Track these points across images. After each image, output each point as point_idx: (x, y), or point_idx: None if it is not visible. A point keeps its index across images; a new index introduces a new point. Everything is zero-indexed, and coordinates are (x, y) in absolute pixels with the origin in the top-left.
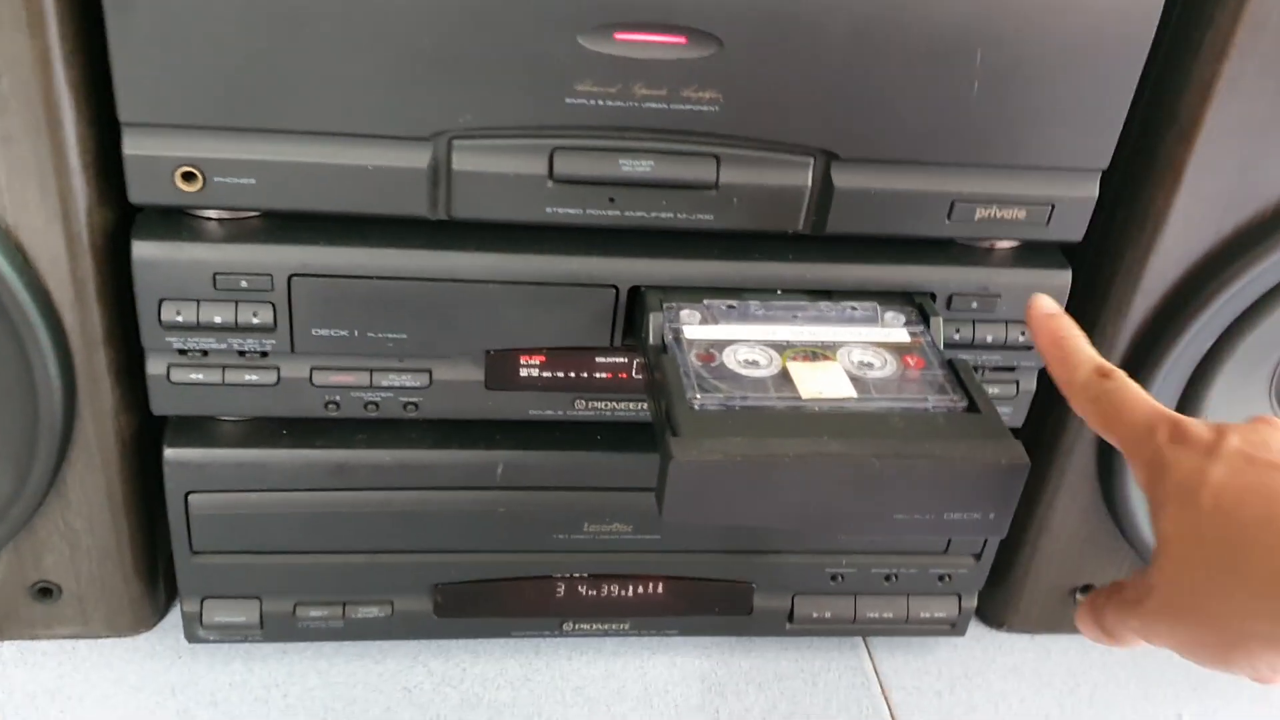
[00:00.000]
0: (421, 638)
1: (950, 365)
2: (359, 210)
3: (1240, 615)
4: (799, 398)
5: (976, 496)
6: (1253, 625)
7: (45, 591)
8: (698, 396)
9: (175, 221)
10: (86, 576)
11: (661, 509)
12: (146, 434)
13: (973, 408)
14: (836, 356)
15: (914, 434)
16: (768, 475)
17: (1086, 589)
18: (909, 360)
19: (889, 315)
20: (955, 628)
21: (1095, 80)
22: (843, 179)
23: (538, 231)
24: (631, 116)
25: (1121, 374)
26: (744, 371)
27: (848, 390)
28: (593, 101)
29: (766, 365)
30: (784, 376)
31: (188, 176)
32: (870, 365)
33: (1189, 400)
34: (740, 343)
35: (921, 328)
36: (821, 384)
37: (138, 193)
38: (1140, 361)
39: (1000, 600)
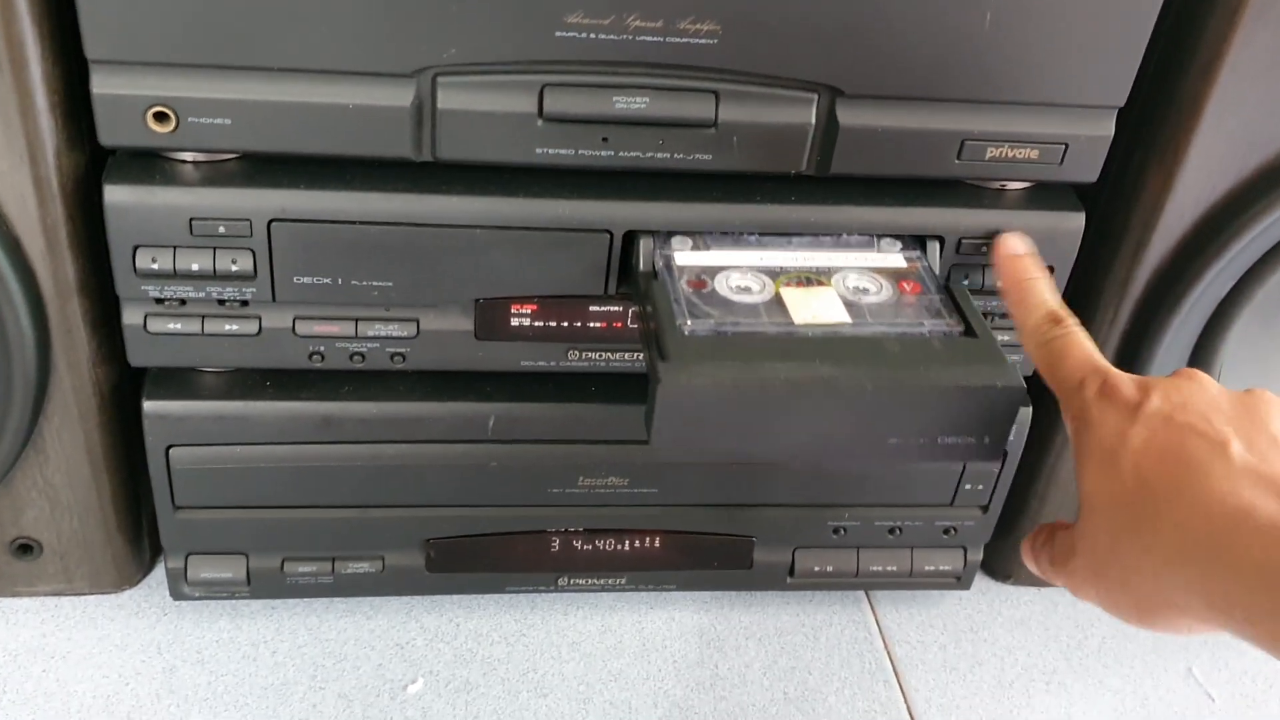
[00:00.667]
0: (413, 593)
1: (947, 290)
2: (340, 152)
3: (1153, 583)
4: (792, 323)
5: (971, 420)
6: (1165, 593)
7: (25, 548)
8: (688, 322)
9: (149, 165)
10: (68, 533)
11: (650, 435)
12: (126, 386)
13: (969, 332)
14: (831, 282)
15: (908, 358)
16: (758, 400)
17: None
18: (905, 285)
19: (885, 241)
20: (961, 581)
21: (1114, 11)
22: (848, 116)
23: (528, 174)
24: (625, 50)
25: (1073, 322)
26: (736, 298)
27: (842, 315)
28: (584, 34)
29: (759, 291)
30: (777, 302)
31: (160, 117)
32: (866, 291)
33: (1205, 346)
34: (733, 269)
35: (918, 253)
36: (815, 309)
37: (108, 134)
38: (1156, 306)
39: (1007, 553)
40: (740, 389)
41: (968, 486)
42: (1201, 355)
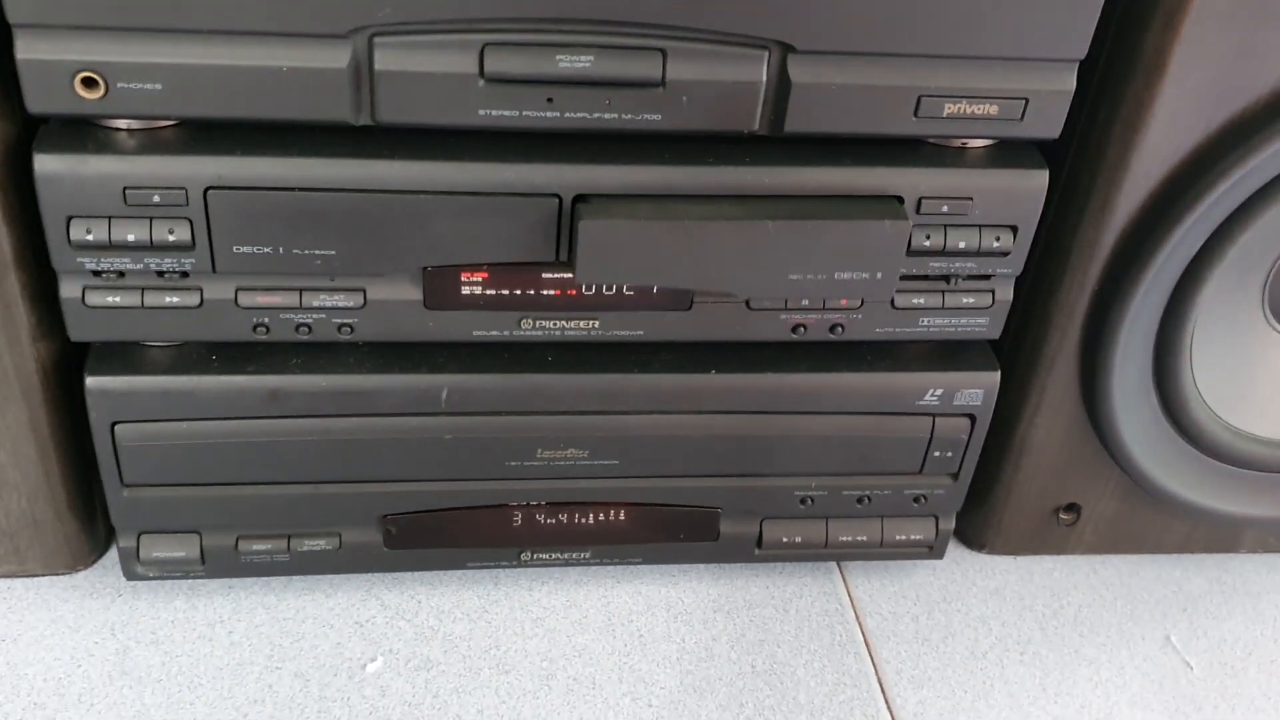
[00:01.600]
0: (372, 571)
1: None
2: (277, 116)
3: None
4: None
5: (863, 256)
6: None
7: None
8: None
9: (81, 133)
10: (16, 513)
11: (575, 272)
12: (70, 361)
13: None
14: None
15: (809, 201)
16: (669, 236)
17: (1070, 508)
18: None
19: None
20: (933, 550)
21: None
22: (800, 73)
23: (472, 136)
24: (569, 6)
25: None
26: None
27: None
28: None
29: None
30: None
31: (88, 83)
32: None
33: (1175, 309)
34: None
35: None
36: None
37: (35, 102)
38: (1124, 267)
39: (980, 521)
40: (653, 228)
41: (936, 454)
42: (1173, 317)
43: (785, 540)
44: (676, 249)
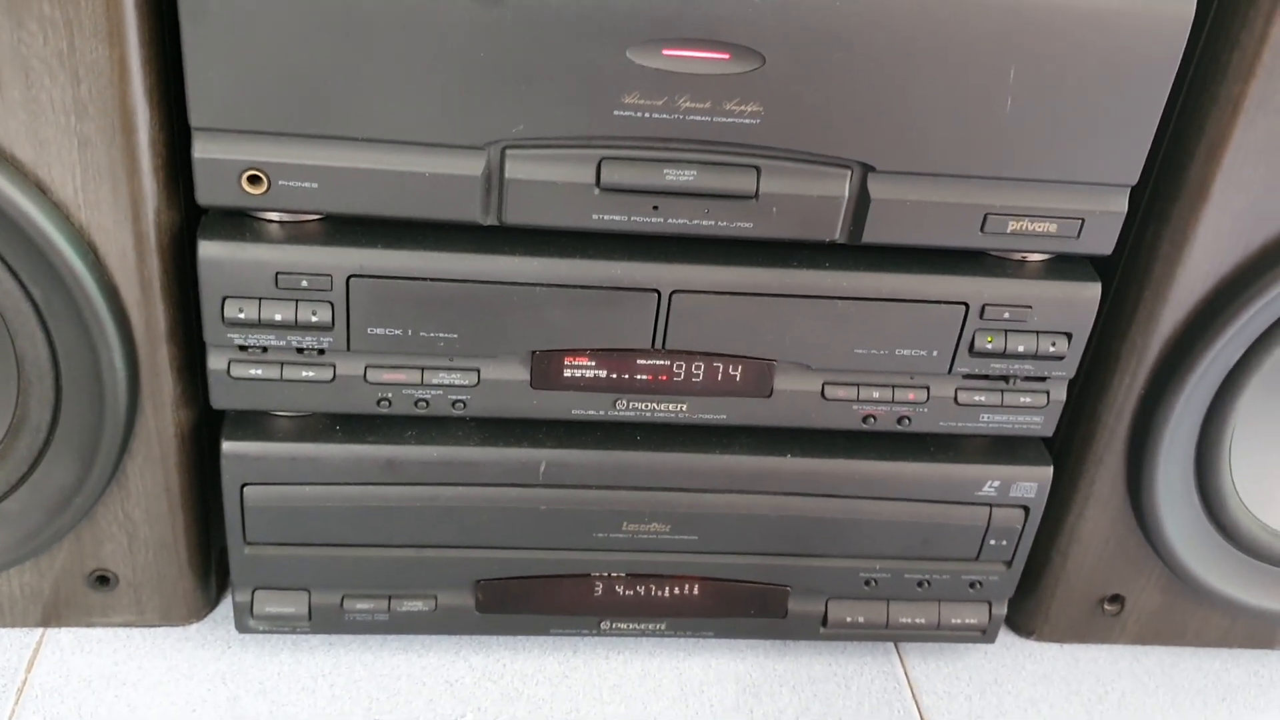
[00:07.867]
0: (463, 633)
1: None
2: (416, 215)
3: None
4: None
5: (921, 335)
6: None
7: (103, 580)
8: None
9: (239, 223)
10: (143, 566)
11: (667, 339)
12: (203, 428)
13: None
14: None
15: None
16: (752, 310)
17: (1115, 599)
18: None
19: None
20: (986, 634)
21: (1124, 99)
22: (879, 190)
23: (584, 237)
24: (676, 128)
25: None
26: None
27: None
28: (640, 114)
29: None
30: None
31: (253, 180)
32: None
33: (1216, 414)
34: None
35: None
36: None
37: (205, 194)
38: (1168, 373)
39: (1030, 609)
40: (737, 298)
41: (992, 542)
42: (1213, 421)
43: (849, 620)
44: (758, 321)
